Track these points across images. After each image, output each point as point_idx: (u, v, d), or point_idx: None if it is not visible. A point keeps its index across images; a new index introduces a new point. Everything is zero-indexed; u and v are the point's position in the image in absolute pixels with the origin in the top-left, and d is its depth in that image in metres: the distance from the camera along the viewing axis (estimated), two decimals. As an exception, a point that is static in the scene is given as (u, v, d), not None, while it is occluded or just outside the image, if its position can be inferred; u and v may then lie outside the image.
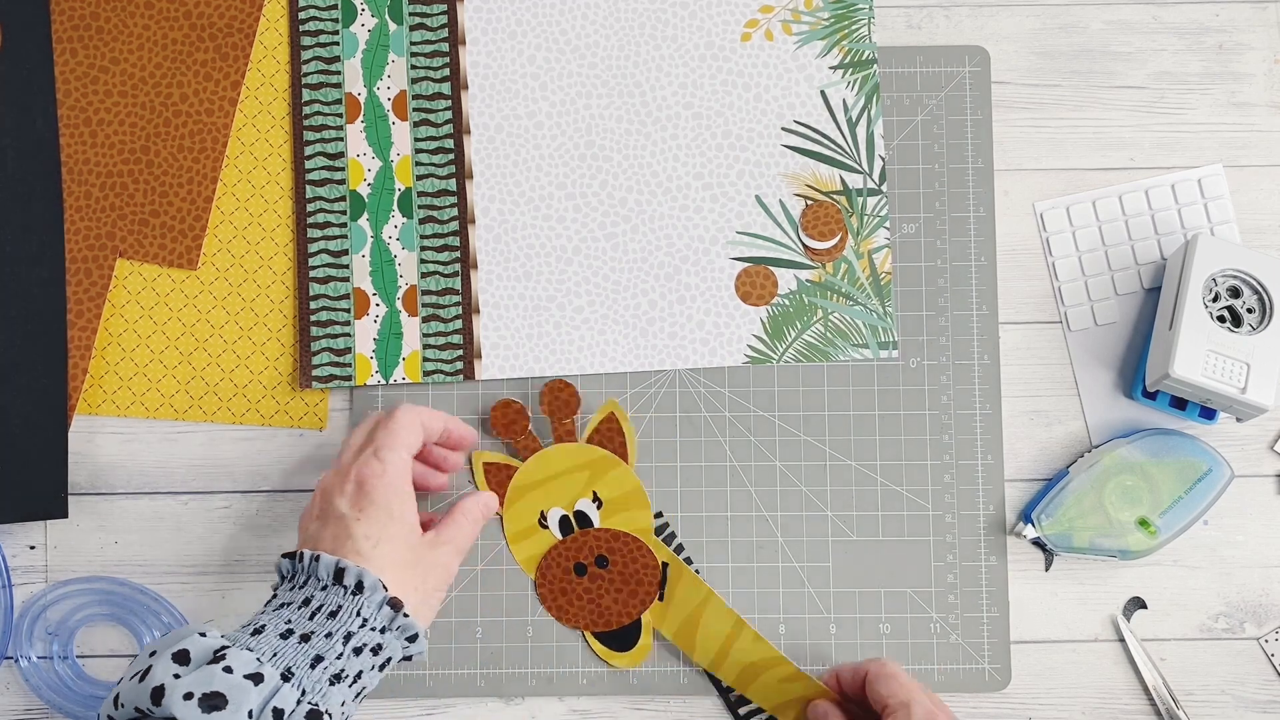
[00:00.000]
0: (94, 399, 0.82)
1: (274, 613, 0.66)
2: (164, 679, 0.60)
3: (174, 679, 0.60)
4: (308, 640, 0.63)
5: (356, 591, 0.66)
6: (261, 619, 0.65)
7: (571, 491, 0.80)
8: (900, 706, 0.70)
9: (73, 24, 0.83)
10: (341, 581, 0.66)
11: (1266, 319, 0.76)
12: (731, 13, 0.84)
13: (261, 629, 0.64)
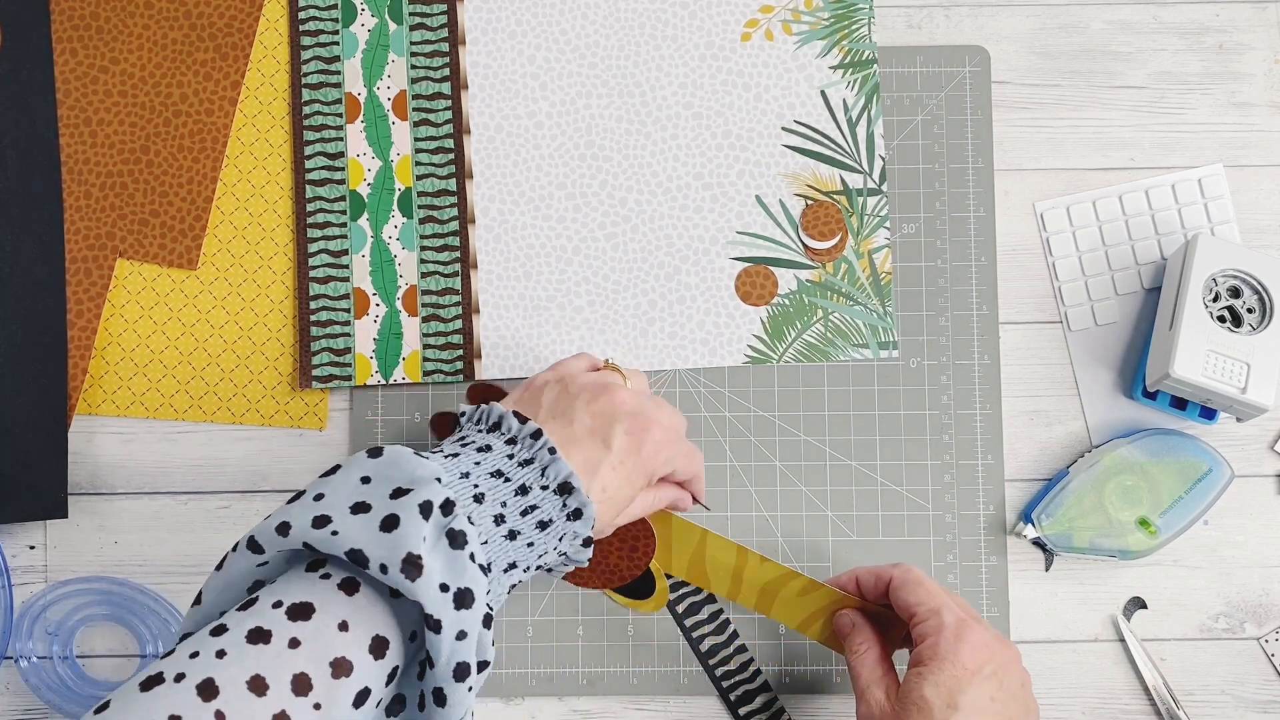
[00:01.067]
0: (94, 399, 0.82)
1: (490, 477, 0.61)
2: (418, 546, 0.54)
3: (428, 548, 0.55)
4: (513, 538, 0.60)
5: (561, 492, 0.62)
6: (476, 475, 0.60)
7: None
8: (930, 614, 0.69)
9: (73, 24, 0.83)
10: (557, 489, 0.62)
11: (1266, 319, 0.76)
12: (731, 13, 0.84)
13: (481, 497, 0.60)
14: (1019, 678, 0.69)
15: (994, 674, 0.67)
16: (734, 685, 0.80)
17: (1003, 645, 0.69)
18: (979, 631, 0.68)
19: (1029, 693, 0.70)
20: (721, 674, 0.80)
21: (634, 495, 0.66)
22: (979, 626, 0.69)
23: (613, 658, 0.81)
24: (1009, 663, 0.68)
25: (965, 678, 0.66)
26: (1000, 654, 0.68)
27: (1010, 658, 0.69)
